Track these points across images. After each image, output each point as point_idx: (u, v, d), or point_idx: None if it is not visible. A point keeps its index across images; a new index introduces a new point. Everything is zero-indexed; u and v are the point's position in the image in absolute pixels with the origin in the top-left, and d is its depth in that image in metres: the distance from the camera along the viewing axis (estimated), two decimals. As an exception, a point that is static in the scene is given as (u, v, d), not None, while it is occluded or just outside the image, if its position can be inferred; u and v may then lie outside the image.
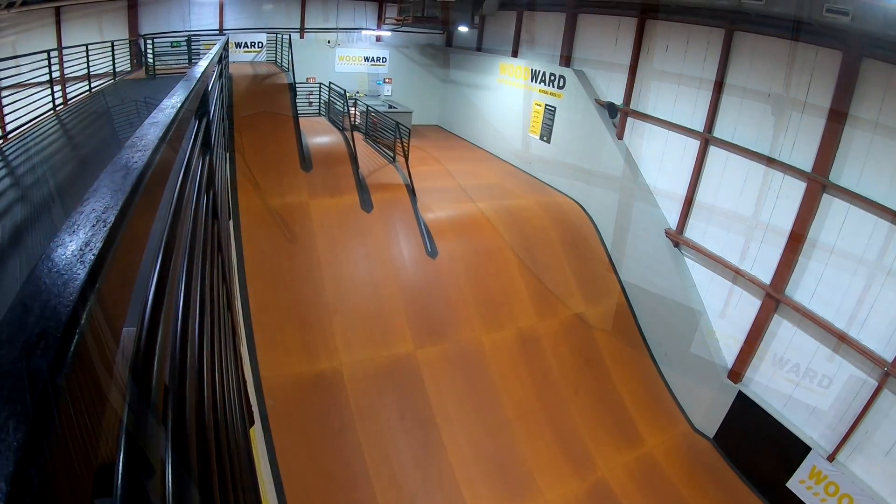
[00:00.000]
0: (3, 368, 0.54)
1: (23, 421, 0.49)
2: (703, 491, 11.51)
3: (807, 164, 10.40)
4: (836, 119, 9.80)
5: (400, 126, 15.31)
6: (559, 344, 13.24)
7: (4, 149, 7.91)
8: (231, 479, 2.04)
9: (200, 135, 2.73)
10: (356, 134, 15.73)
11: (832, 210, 10.13)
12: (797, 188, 10.61)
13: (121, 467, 0.86)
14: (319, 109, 19.39)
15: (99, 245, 0.80)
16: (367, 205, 13.61)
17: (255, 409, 8.55)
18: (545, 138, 18.15)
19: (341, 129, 15.85)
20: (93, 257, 0.75)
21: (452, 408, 11.47)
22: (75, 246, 0.79)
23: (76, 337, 0.62)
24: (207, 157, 3.13)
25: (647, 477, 11.57)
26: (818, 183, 10.11)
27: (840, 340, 10.03)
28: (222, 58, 7.35)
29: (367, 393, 11.05)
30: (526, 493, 10.73)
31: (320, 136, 15.17)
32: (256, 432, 7.27)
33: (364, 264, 12.75)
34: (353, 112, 17.61)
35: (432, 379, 11.66)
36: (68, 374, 0.57)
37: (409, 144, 15.22)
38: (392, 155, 15.54)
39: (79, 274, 0.71)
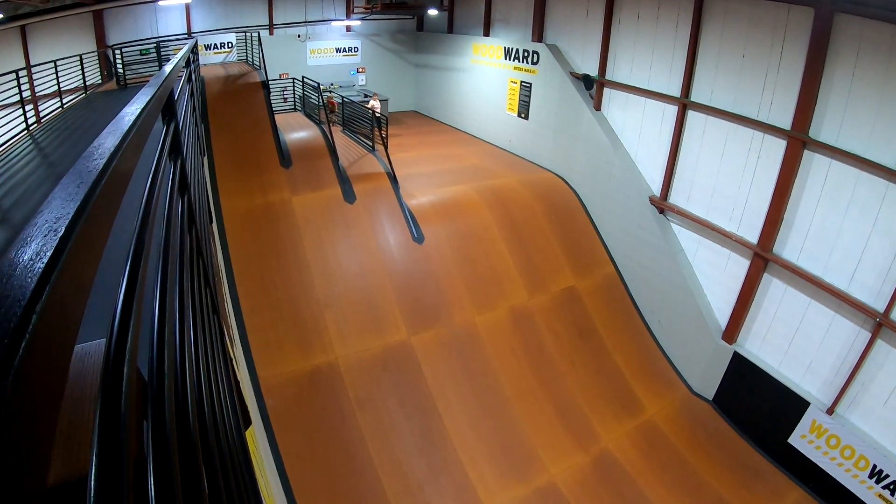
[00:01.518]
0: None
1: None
2: (706, 453, 11.63)
3: (786, 122, 10.41)
4: (812, 76, 9.80)
5: (376, 113, 15.23)
6: (552, 319, 13.29)
7: None
8: (224, 483, 2.02)
9: (168, 139, 2.69)
10: (334, 126, 15.64)
11: (814, 166, 10.16)
12: (778, 147, 10.63)
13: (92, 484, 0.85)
14: (295, 105, 19.27)
15: (49, 254, 0.76)
16: (349, 196, 13.55)
17: (255, 409, 8.55)
18: (523, 115, 18.11)
19: (318, 123, 15.76)
20: (41, 266, 0.73)
21: (451, 391, 11.50)
22: (26, 257, 0.77)
23: (21, 350, 0.59)
24: (178, 162, 3.09)
25: (650, 444, 11.67)
26: (798, 140, 10.13)
27: (831, 294, 10.11)
28: (191, 61, 7.25)
29: (366, 383, 11.05)
30: (531, 471, 10.81)
31: (297, 132, 15.08)
32: (257, 432, 7.27)
33: (351, 256, 12.71)
34: (330, 98, 17.48)
35: (429, 364, 11.69)
36: (13, 389, 0.53)
37: (387, 132, 15.15)
38: (371, 144, 15.48)
39: (27, 284, 0.69)
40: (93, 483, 0.85)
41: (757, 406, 11.79)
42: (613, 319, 13.87)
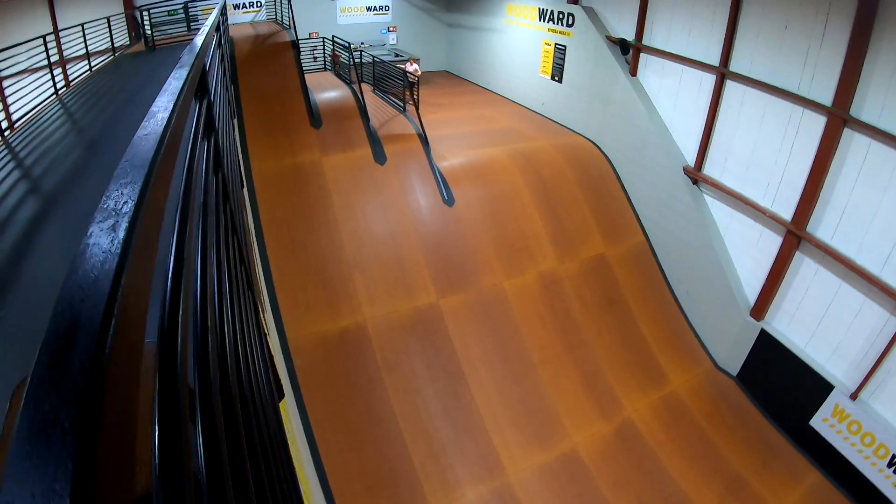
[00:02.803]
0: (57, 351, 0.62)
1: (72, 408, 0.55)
2: (727, 429, 11.60)
3: (826, 98, 10.01)
4: (856, 52, 9.34)
5: (408, 74, 15.07)
6: (580, 286, 13.23)
7: (11, 140, 7.89)
8: (263, 458, 2.05)
9: (202, 119, 2.68)
10: (364, 85, 15.52)
11: (853, 145, 9.76)
12: (817, 123, 10.24)
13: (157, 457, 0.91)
14: (325, 64, 19.13)
15: (121, 241, 0.85)
16: (380, 157, 13.50)
17: (283, 370, 8.69)
18: (557, 78, 17.79)
19: (348, 83, 15.64)
20: (118, 251, 0.81)
21: (478, 355, 11.57)
22: (104, 244, 0.85)
23: (113, 323, 0.67)
24: (212, 138, 3.09)
25: (672, 416, 11.68)
26: (838, 117, 9.74)
27: (862, 278, 9.84)
28: (220, 24, 7.20)
29: (393, 346, 11.16)
30: (554, 437, 10.89)
31: (328, 92, 14.99)
32: (286, 392, 7.39)
33: (381, 218, 12.72)
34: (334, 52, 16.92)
35: (456, 328, 11.75)
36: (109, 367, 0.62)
37: (418, 92, 15.00)
38: (402, 104, 15.35)
39: (110, 268, 0.77)
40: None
41: (781, 385, 11.68)
42: (641, 289, 13.77)
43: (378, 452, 9.97)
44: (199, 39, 3.45)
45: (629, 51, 14.67)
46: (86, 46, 12.50)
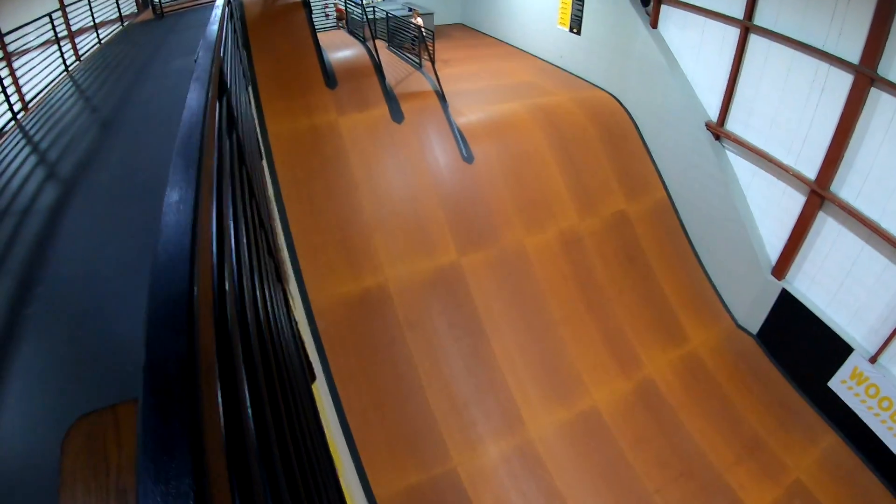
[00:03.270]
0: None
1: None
2: (747, 388, 11.66)
3: (854, 55, 9.62)
4: (886, 8, 8.91)
5: (423, 29, 14.80)
6: (601, 243, 13.18)
7: (25, 122, 7.86)
8: (302, 440, 2.09)
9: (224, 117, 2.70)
10: (378, 42, 15.27)
11: (880, 105, 9.41)
12: (843, 81, 9.88)
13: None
14: (338, 22, 18.83)
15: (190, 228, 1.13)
16: (397, 115, 13.37)
17: (307, 332, 8.80)
18: (575, 30, 17.39)
19: (362, 40, 15.40)
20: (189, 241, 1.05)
21: (499, 313, 11.63)
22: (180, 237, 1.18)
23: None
24: (224, 101, 3.08)
25: (692, 374, 11.74)
26: (866, 76, 9.38)
27: (886, 241, 9.63)
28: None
29: (415, 305, 11.23)
30: (574, 394, 11.01)
31: (341, 50, 14.76)
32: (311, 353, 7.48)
33: (400, 177, 12.66)
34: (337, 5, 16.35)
35: (478, 286, 11.78)
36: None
37: (433, 48, 14.74)
38: (418, 61, 15.12)
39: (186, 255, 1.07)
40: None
41: (800, 346, 11.66)
42: (663, 246, 13.69)
43: (401, 410, 10.15)
44: (213, 27, 3.42)
45: (649, 2, 14.28)
46: (93, 18, 12.33)
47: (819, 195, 10.61)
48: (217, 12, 4.81)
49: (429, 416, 10.15)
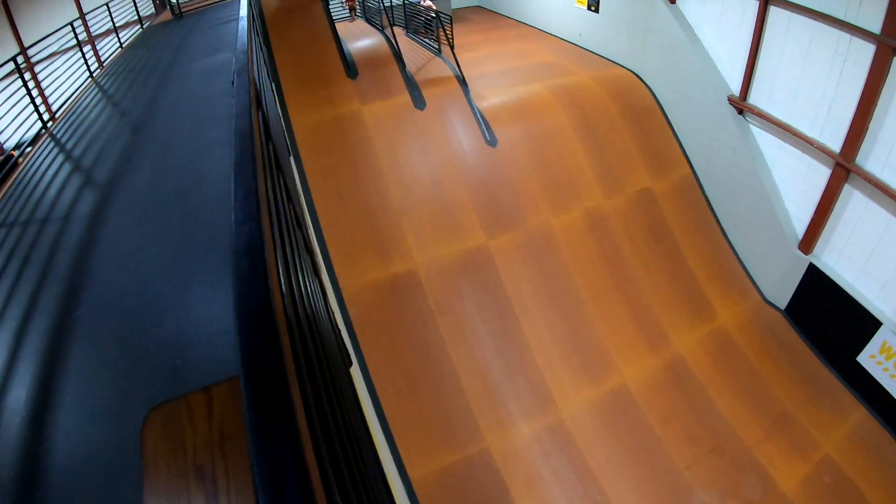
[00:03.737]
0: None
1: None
2: (775, 363, 11.67)
3: (875, 25, 9.44)
4: None
5: (440, 14, 14.85)
6: (627, 221, 13.23)
7: (55, 131, 8.06)
8: (346, 417, 2.29)
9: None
10: (396, 29, 15.33)
11: None
12: (866, 52, 9.70)
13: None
14: (355, 11, 18.88)
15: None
16: (419, 102, 13.49)
17: (339, 319, 9.01)
18: (593, 7, 17.30)
19: (380, 29, 15.48)
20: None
21: (528, 294, 11.77)
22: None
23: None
24: (261, 113, 3.33)
25: (721, 350, 11.78)
26: (888, 46, 9.21)
27: None
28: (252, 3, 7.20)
29: (444, 289, 11.41)
30: (604, 372, 11.14)
31: (360, 40, 14.91)
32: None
33: (425, 162, 12.81)
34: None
35: (506, 267, 11.92)
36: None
37: (452, 32, 14.79)
38: (437, 46, 15.19)
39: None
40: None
41: (829, 320, 11.60)
42: (689, 222, 13.69)
43: (434, 393, 10.35)
44: (242, 42, 3.62)
45: (668, -23, 14.18)
46: (113, 24, 12.53)
47: (844, 168, 10.51)
48: (243, 24, 4.95)
49: (461, 397, 10.36)
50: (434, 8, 16.45)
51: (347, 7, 17.60)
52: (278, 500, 0.93)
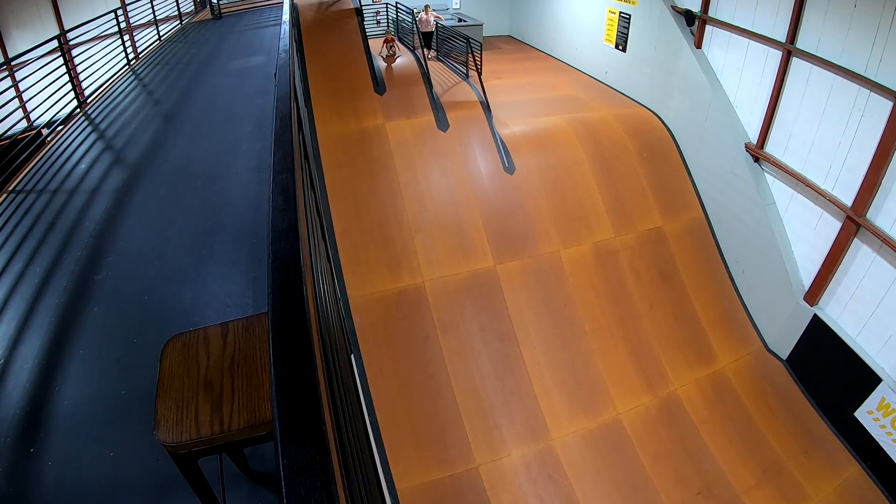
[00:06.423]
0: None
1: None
2: (772, 412, 11.65)
3: (894, 82, 9.62)
4: None
5: (471, 40, 15.18)
6: (636, 258, 13.34)
7: (90, 111, 8.34)
8: (344, 405, 2.52)
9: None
10: (427, 51, 15.69)
11: None
12: (883, 108, 9.84)
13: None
14: (388, 30, 19.28)
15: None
16: (442, 124, 13.76)
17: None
18: (620, 47, 17.60)
19: (411, 49, 15.83)
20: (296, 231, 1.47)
21: (530, 321, 11.88)
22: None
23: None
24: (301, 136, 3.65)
25: (718, 394, 11.78)
26: None
27: None
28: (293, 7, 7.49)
29: (450, 307, 11.56)
30: (599, 405, 11.19)
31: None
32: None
33: (442, 183, 13.03)
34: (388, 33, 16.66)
35: (511, 293, 12.06)
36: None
37: (481, 59, 15.10)
38: (465, 71, 15.50)
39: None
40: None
41: (829, 373, 11.56)
42: (697, 265, 13.78)
43: (429, 407, 10.47)
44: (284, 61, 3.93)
45: (694, 22, 14.43)
46: (154, 16, 12.94)
47: (855, 221, 10.58)
48: (285, 28, 5.22)
49: (455, 415, 10.46)
50: (442, 19, 16.77)
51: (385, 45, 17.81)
52: (290, 407, 1.13)
